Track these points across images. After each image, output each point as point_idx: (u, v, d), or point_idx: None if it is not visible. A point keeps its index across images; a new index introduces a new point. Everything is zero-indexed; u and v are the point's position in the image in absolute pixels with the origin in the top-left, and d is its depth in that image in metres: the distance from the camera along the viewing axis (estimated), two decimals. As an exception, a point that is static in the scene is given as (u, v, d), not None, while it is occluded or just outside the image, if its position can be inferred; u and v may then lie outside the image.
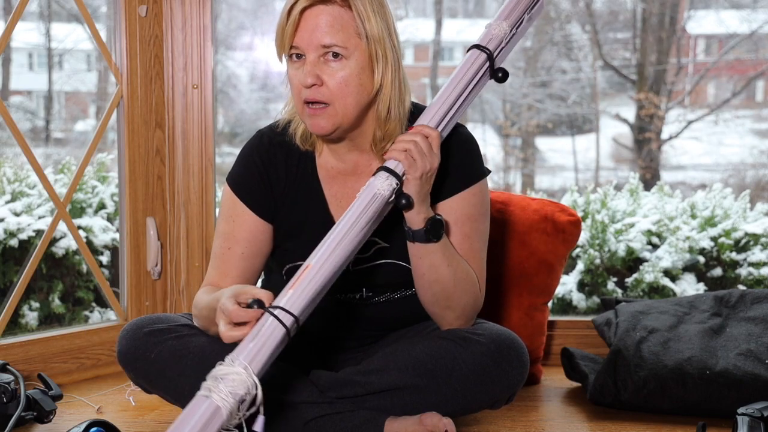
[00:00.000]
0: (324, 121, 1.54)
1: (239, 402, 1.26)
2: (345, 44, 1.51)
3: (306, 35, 1.51)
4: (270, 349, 1.32)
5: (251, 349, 1.31)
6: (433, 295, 1.60)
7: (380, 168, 1.50)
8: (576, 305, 3.02)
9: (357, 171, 1.66)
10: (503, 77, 1.61)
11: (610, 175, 7.00)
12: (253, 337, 1.32)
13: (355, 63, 1.52)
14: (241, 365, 1.28)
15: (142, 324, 1.63)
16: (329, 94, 1.52)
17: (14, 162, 3.07)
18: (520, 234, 2.15)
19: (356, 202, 1.48)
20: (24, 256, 2.76)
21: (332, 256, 1.42)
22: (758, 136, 6.62)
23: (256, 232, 1.66)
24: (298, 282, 1.38)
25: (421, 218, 1.53)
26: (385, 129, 1.60)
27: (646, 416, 1.90)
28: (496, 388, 1.61)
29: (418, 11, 6.55)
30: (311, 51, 1.51)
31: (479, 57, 1.59)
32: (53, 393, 1.76)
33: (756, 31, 6.04)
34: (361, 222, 1.45)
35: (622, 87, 6.68)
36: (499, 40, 1.61)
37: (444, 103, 1.57)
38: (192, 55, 2.30)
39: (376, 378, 1.59)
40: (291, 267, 1.68)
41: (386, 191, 1.48)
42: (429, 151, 1.50)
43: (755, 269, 2.95)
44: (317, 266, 1.40)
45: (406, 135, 1.52)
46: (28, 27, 5.41)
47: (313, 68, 1.51)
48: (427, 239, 1.54)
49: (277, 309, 1.34)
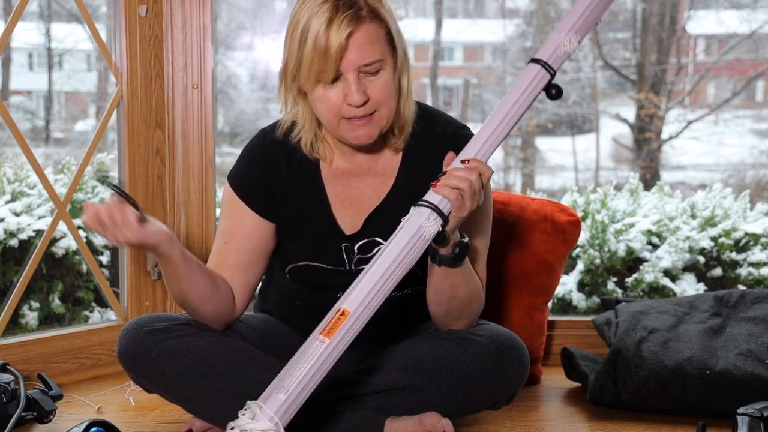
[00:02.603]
0: (369, 129, 1.53)
1: None
2: (383, 57, 1.51)
3: (349, 58, 1.47)
4: (304, 399, 1.28)
5: (285, 401, 1.25)
6: (449, 309, 1.60)
7: (425, 203, 1.39)
8: (576, 305, 3.02)
9: (361, 172, 1.66)
10: (557, 95, 1.46)
11: (610, 175, 6.99)
12: (281, 386, 1.27)
13: (390, 69, 1.52)
14: (273, 421, 1.23)
15: (143, 323, 1.63)
16: (374, 104, 1.52)
17: (14, 162, 3.07)
18: (520, 234, 2.15)
19: (395, 239, 1.37)
20: (24, 256, 2.76)
21: (371, 300, 1.34)
22: (758, 136, 6.62)
23: (254, 229, 1.66)
24: (335, 331, 1.30)
25: (451, 245, 1.48)
26: (399, 127, 1.61)
27: (646, 416, 1.90)
28: (496, 388, 1.61)
29: (418, 11, 6.54)
30: (350, 71, 1.48)
31: (543, 78, 1.45)
32: (53, 393, 1.76)
33: (756, 31, 6.04)
34: (403, 265, 1.36)
35: (622, 87, 6.68)
36: (564, 58, 1.46)
37: (498, 128, 1.44)
38: (192, 55, 2.30)
39: (376, 378, 1.59)
40: (294, 267, 1.68)
41: (431, 233, 1.38)
42: (480, 190, 1.41)
43: (755, 269, 2.95)
44: (356, 313, 1.32)
45: (460, 170, 1.40)
46: (28, 27, 5.40)
47: (359, 87, 1.49)
48: (454, 264, 1.51)
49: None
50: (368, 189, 1.66)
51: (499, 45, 7.01)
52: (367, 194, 1.66)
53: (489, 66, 7.43)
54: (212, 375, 1.57)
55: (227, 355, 1.58)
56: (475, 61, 7.73)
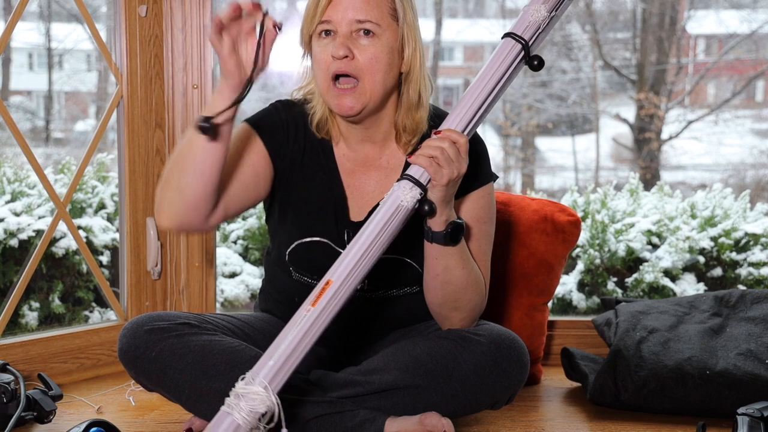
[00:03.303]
0: (352, 100, 1.55)
1: (259, 418, 1.32)
2: (379, 21, 1.53)
3: (341, 9, 1.52)
4: (293, 366, 1.35)
5: (272, 367, 1.33)
6: (444, 296, 1.60)
7: (404, 176, 1.47)
8: (576, 305, 3.02)
9: (366, 162, 1.67)
10: (539, 65, 1.50)
11: (610, 175, 7.00)
12: (272, 354, 1.34)
13: (386, 41, 1.54)
14: (261, 384, 1.32)
15: (143, 322, 1.63)
16: (359, 68, 1.53)
17: (14, 162, 3.07)
18: (520, 234, 2.15)
19: (378, 212, 1.43)
20: (24, 256, 2.76)
21: (355, 272, 1.40)
22: (758, 136, 6.62)
23: (255, 162, 1.62)
24: (320, 299, 1.37)
25: (442, 221, 1.51)
26: (413, 117, 1.61)
27: (646, 416, 1.90)
28: (496, 388, 1.61)
29: (418, 11, 6.54)
30: (344, 25, 1.52)
31: (513, 48, 1.50)
32: (53, 393, 1.76)
33: (756, 31, 6.04)
34: (385, 236, 1.42)
35: (622, 87, 6.68)
36: (536, 28, 1.50)
37: (473, 102, 1.49)
38: (192, 55, 2.30)
39: (376, 378, 1.59)
40: (299, 245, 1.67)
41: (410, 203, 1.44)
42: (457, 157, 1.46)
43: (755, 269, 2.95)
44: (339, 282, 1.38)
45: (433, 140, 1.46)
46: (28, 27, 5.40)
47: (345, 41, 1.52)
48: (446, 242, 1.53)
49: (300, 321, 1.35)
50: (371, 181, 1.67)
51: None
52: (371, 186, 1.67)
53: (489, 66, 7.41)
54: (212, 374, 1.57)
55: (227, 355, 1.58)
56: (475, 61, 7.74)
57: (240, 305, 3.11)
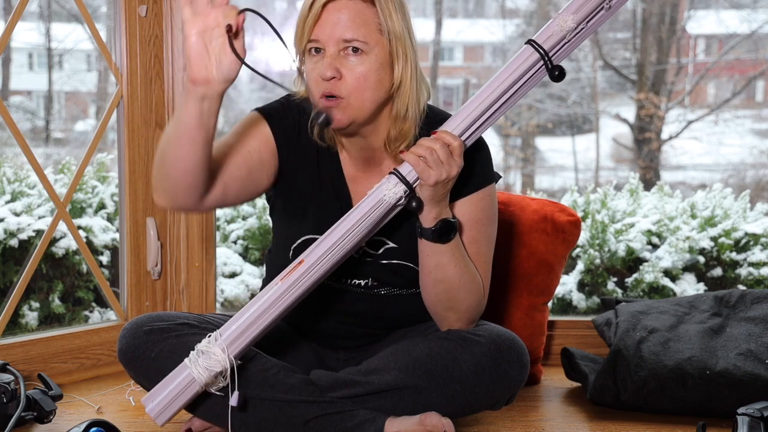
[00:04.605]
0: (339, 113, 1.53)
1: (215, 376, 1.45)
2: (366, 39, 1.51)
3: (327, 28, 1.50)
4: (252, 334, 1.45)
5: (233, 331, 1.45)
6: (437, 294, 1.60)
7: (393, 171, 1.49)
8: (576, 305, 3.02)
9: (368, 170, 1.66)
10: (560, 76, 1.47)
11: (610, 175, 7.00)
12: (236, 319, 1.45)
13: (375, 59, 1.52)
14: (220, 347, 1.43)
15: (143, 322, 1.63)
16: (347, 88, 1.52)
17: (14, 162, 3.07)
18: (520, 234, 2.15)
19: (361, 204, 1.47)
20: (24, 256, 2.76)
21: (327, 256, 1.46)
22: (758, 136, 6.62)
23: (262, 146, 1.61)
24: (289, 275, 1.45)
25: (431, 218, 1.53)
26: (399, 128, 1.60)
27: (646, 416, 1.91)
28: (496, 388, 1.61)
29: (418, 11, 6.54)
30: (331, 45, 1.51)
31: (530, 56, 1.48)
32: (53, 393, 1.76)
33: (756, 31, 6.04)
34: (363, 226, 1.47)
35: (622, 87, 6.68)
36: (560, 37, 1.47)
37: (478, 107, 1.49)
38: (192, 55, 2.29)
39: (376, 378, 1.59)
40: (305, 241, 1.66)
41: (392, 199, 1.47)
42: (447, 159, 1.46)
43: (755, 269, 2.95)
44: (309, 262, 1.45)
45: (426, 140, 1.48)
46: (28, 27, 5.40)
47: (333, 61, 1.51)
48: (434, 239, 1.54)
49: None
50: (374, 186, 1.67)
51: (498, 45, 7.01)
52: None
53: (489, 66, 7.43)
54: (212, 375, 1.57)
55: (227, 355, 1.58)
56: (475, 61, 7.74)
57: (240, 305, 3.10)
